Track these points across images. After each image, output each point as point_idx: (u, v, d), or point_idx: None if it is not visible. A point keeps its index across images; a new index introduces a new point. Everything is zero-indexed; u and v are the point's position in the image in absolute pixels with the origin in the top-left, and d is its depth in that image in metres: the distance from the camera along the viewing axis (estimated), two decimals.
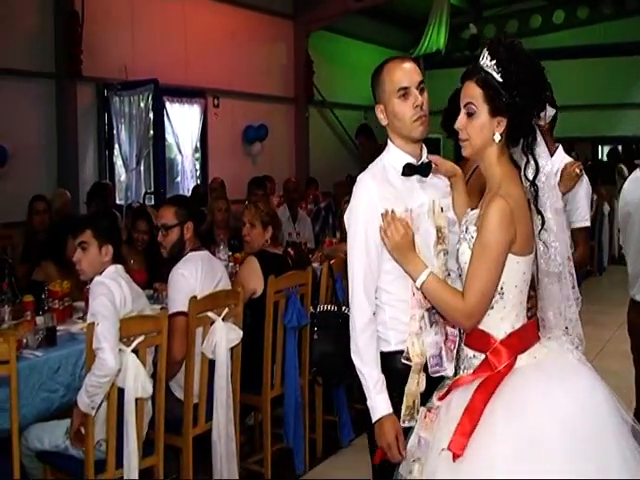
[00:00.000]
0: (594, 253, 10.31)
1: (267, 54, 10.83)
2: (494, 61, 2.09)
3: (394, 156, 2.40)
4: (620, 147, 14.23)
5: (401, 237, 2.20)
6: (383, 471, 2.33)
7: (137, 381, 3.07)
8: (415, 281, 2.20)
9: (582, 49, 13.69)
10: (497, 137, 2.13)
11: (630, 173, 3.76)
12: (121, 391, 3.08)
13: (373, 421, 2.29)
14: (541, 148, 2.17)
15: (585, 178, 3.44)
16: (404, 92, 2.32)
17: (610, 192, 11.06)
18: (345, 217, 2.41)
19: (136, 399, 3.11)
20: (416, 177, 2.39)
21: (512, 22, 14.22)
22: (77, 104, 7.95)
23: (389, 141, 2.43)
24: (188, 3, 9.22)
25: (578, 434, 1.94)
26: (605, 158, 14.92)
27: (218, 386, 3.57)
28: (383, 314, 2.35)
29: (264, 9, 10.57)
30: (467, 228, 2.20)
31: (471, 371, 2.18)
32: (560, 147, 3.45)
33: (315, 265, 4.94)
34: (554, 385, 2.03)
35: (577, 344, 2.23)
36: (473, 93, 2.13)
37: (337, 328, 3.12)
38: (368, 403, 2.30)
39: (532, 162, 2.15)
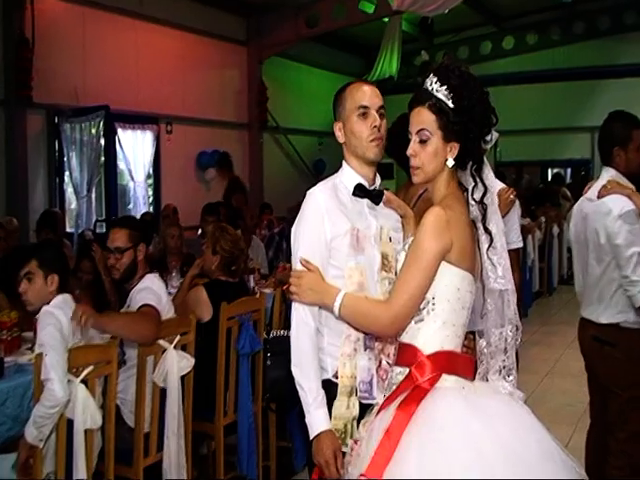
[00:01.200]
0: (544, 274, 10.52)
1: (220, 80, 10.87)
2: (444, 87, 2.11)
3: (347, 176, 2.42)
4: (569, 170, 14.61)
5: (307, 281, 2.20)
6: None
7: (86, 412, 3.02)
8: (333, 309, 2.17)
9: (531, 75, 14.04)
10: (450, 162, 2.15)
11: (574, 196, 3.93)
12: (70, 422, 3.02)
13: (311, 437, 2.23)
14: (487, 170, 2.21)
15: (517, 202, 3.57)
16: (364, 111, 2.35)
17: (559, 214, 11.32)
18: (292, 230, 2.39)
19: (85, 430, 3.06)
20: (367, 202, 2.40)
21: (463, 48, 14.49)
22: (27, 131, 7.87)
23: (344, 161, 2.45)
24: (140, 28, 9.22)
25: (492, 464, 1.87)
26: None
27: (170, 414, 3.53)
28: (321, 340, 2.31)
29: (217, 35, 10.62)
30: (407, 240, 2.24)
31: (395, 388, 2.14)
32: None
33: (268, 291, 4.95)
34: (477, 424, 1.94)
35: (510, 370, 2.20)
36: (426, 119, 2.13)
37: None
38: (307, 419, 2.24)
39: (480, 184, 2.17)
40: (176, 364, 3.53)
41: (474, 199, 2.18)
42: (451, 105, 2.10)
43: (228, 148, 10.59)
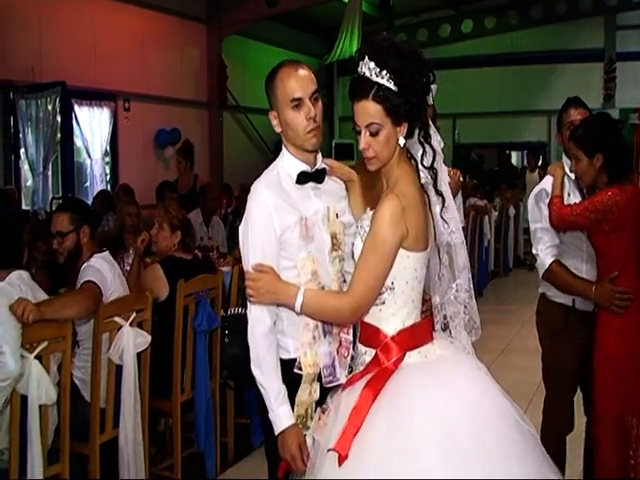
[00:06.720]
0: (499, 255, 10.68)
1: (180, 58, 10.75)
2: (384, 70, 2.05)
3: (288, 164, 2.36)
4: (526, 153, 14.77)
5: (264, 284, 2.19)
6: None
7: (40, 388, 2.99)
8: (294, 307, 2.17)
9: (489, 58, 14.15)
10: (402, 141, 2.13)
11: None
12: (24, 398, 2.99)
13: (276, 433, 2.24)
14: (432, 131, 2.20)
15: None
16: (297, 103, 2.27)
17: (516, 196, 11.47)
18: (241, 229, 2.33)
19: (40, 406, 3.04)
20: (310, 184, 2.36)
21: (422, 31, 14.55)
22: None
23: (284, 148, 2.39)
24: (98, 5, 9.03)
25: (458, 441, 1.93)
26: (515, 163, 15.51)
27: (126, 391, 3.52)
28: (281, 323, 2.31)
29: (176, 12, 10.48)
30: (362, 224, 2.22)
31: (362, 368, 2.18)
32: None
33: (226, 269, 4.95)
34: (439, 390, 2.02)
35: (472, 328, 2.28)
36: (373, 111, 2.08)
37: None
38: (270, 416, 2.25)
39: (429, 149, 2.17)
40: (132, 341, 3.52)
41: (424, 165, 2.18)
42: (394, 88, 2.06)
43: (187, 126, 10.49)
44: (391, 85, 2.06)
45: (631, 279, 3.20)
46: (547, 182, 3.42)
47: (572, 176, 3.39)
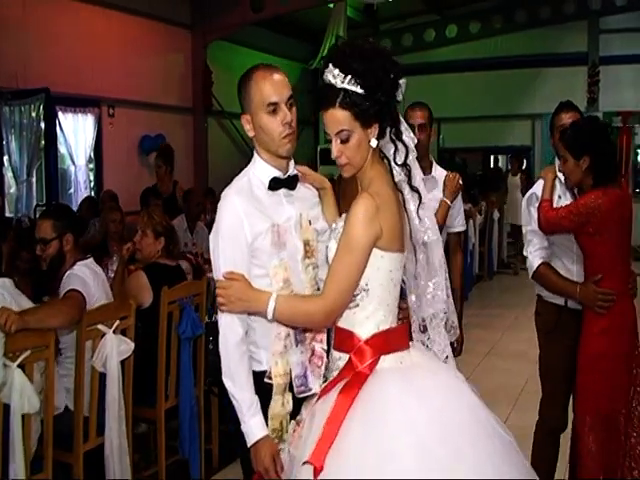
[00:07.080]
0: (484, 258, 10.71)
1: (164, 63, 10.74)
2: (349, 76, 2.04)
3: (260, 169, 2.32)
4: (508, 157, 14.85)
5: (235, 292, 2.15)
6: None
7: (23, 396, 2.98)
8: (267, 314, 2.13)
9: (474, 62, 14.20)
10: (374, 142, 2.12)
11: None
12: (7, 407, 2.99)
13: (249, 445, 2.21)
14: (403, 128, 2.19)
15: None
16: (273, 108, 2.22)
17: (500, 199, 11.53)
18: (211, 235, 2.29)
19: (23, 415, 3.03)
20: (283, 191, 2.32)
21: (407, 36, 14.60)
22: None
23: (255, 153, 2.35)
24: (82, 10, 9.02)
25: (431, 446, 1.91)
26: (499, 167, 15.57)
27: (110, 399, 3.51)
28: (253, 334, 2.27)
29: (161, 18, 10.47)
30: (337, 226, 2.20)
31: (336, 374, 2.16)
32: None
33: (210, 275, 4.94)
34: (413, 396, 2.01)
35: (450, 327, 2.29)
36: (341, 119, 2.08)
37: None
38: (242, 428, 2.21)
39: (401, 146, 2.16)
40: (115, 348, 3.51)
41: (396, 163, 2.17)
42: (361, 91, 2.05)
43: (172, 132, 10.47)
44: (357, 89, 2.06)
45: (616, 280, 3.25)
46: (538, 186, 3.47)
47: (563, 179, 3.42)
